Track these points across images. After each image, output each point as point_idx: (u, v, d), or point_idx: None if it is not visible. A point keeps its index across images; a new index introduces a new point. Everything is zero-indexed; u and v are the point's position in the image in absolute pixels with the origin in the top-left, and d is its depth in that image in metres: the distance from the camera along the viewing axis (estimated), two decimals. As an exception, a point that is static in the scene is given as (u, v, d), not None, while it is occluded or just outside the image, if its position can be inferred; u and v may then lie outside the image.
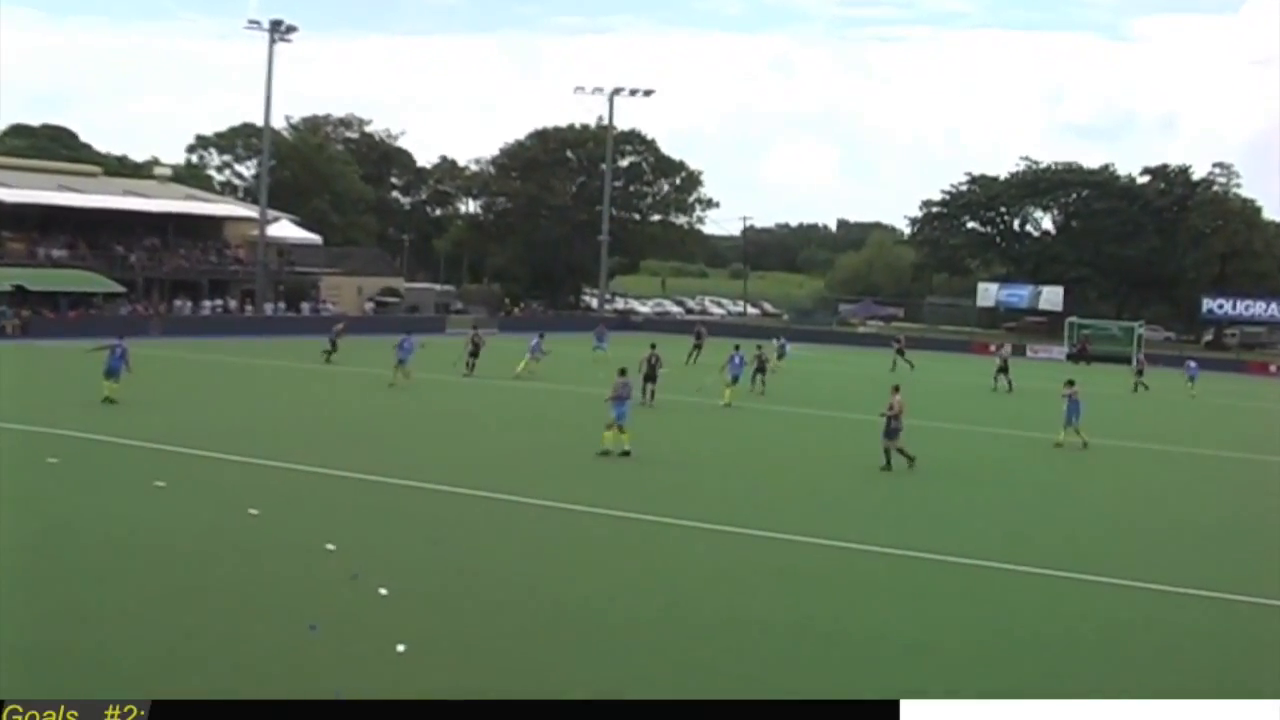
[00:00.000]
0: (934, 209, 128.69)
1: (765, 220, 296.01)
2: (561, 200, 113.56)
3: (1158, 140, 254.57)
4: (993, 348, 61.27)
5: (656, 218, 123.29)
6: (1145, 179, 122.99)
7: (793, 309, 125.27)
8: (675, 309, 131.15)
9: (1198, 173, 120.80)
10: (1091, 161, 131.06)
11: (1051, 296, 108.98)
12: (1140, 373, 64.26)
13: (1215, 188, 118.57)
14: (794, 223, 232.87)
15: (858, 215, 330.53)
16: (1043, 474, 30.19)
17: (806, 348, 72.32)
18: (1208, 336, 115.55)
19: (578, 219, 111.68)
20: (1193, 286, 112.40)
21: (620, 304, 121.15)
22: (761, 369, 45.94)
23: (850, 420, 36.89)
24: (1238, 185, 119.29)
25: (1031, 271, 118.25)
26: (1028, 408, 45.48)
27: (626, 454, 27.64)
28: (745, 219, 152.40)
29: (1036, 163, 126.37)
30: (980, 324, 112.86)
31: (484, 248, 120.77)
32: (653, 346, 41.46)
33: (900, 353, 63.44)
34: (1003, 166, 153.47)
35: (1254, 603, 17.47)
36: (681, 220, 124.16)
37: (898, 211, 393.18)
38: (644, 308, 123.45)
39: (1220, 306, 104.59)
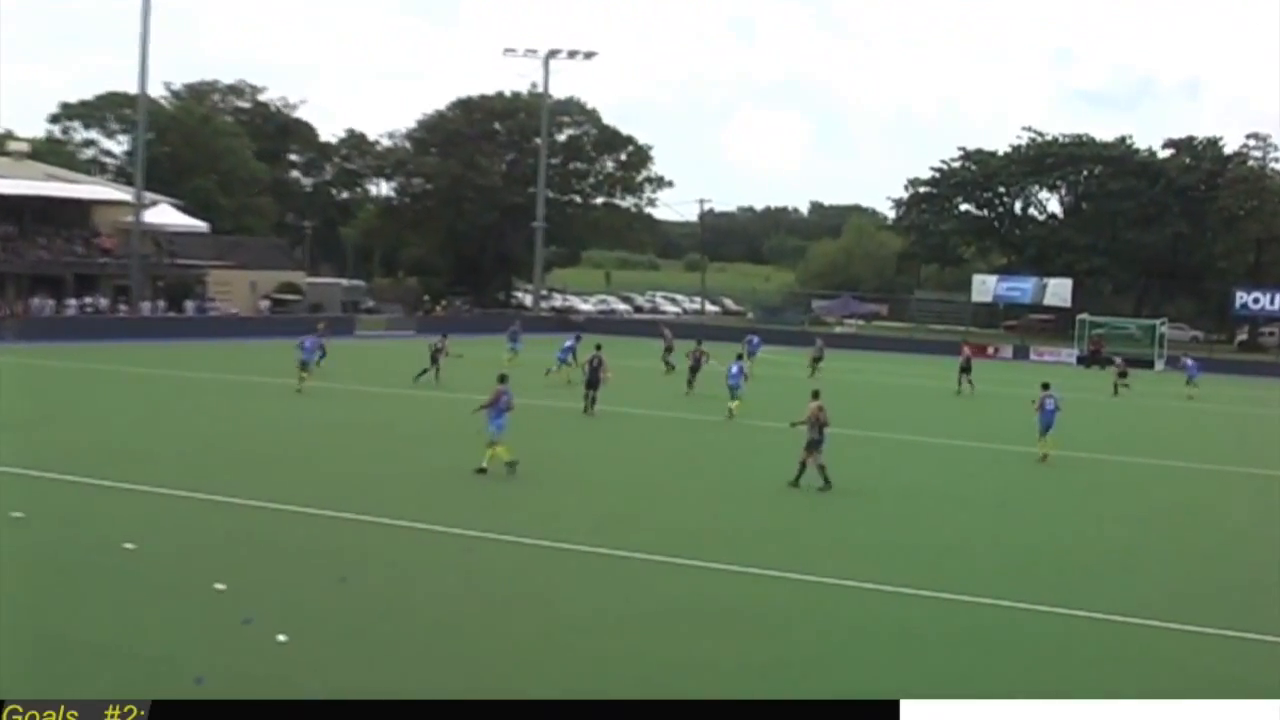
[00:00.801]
0: (922, 189, 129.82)
1: (726, 203, 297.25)
2: (489, 181, 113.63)
3: (1182, 109, 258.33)
4: (966, 348, 62.10)
5: (600, 201, 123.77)
6: (1168, 153, 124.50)
7: (758, 306, 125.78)
8: (622, 306, 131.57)
9: (1229, 145, 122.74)
10: (1105, 133, 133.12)
11: (1059, 290, 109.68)
12: (1123, 375, 65.09)
13: (1250, 163, 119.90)
14: (759, 206, 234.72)
15: (833, 197, 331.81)
16: (971, 490, 30.92)
17: (774, 351, 72.59)
18: (1241, 336, 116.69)
19: (508, 202, 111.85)
20: (1223, 278, 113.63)
21: (558, 300, 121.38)
22: (697, 367, 48.29)
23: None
24: (1276, 160, 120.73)
25: (1036, 261, 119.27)
26: (987, 413, 46.85)
27: (513, 465, 28.14)
28: (703, 202, 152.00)
29: (1041, 135, 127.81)
30: (976, 322, 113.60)
31: (399, 236, 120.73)
32: (598, 348, 42.98)
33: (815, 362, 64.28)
34: (1002, 140, 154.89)
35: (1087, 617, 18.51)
36: (629, 203, 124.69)
37: (880, 193, 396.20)
38: (586, 305, 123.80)
39: (1256, 301, 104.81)
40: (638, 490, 28.12)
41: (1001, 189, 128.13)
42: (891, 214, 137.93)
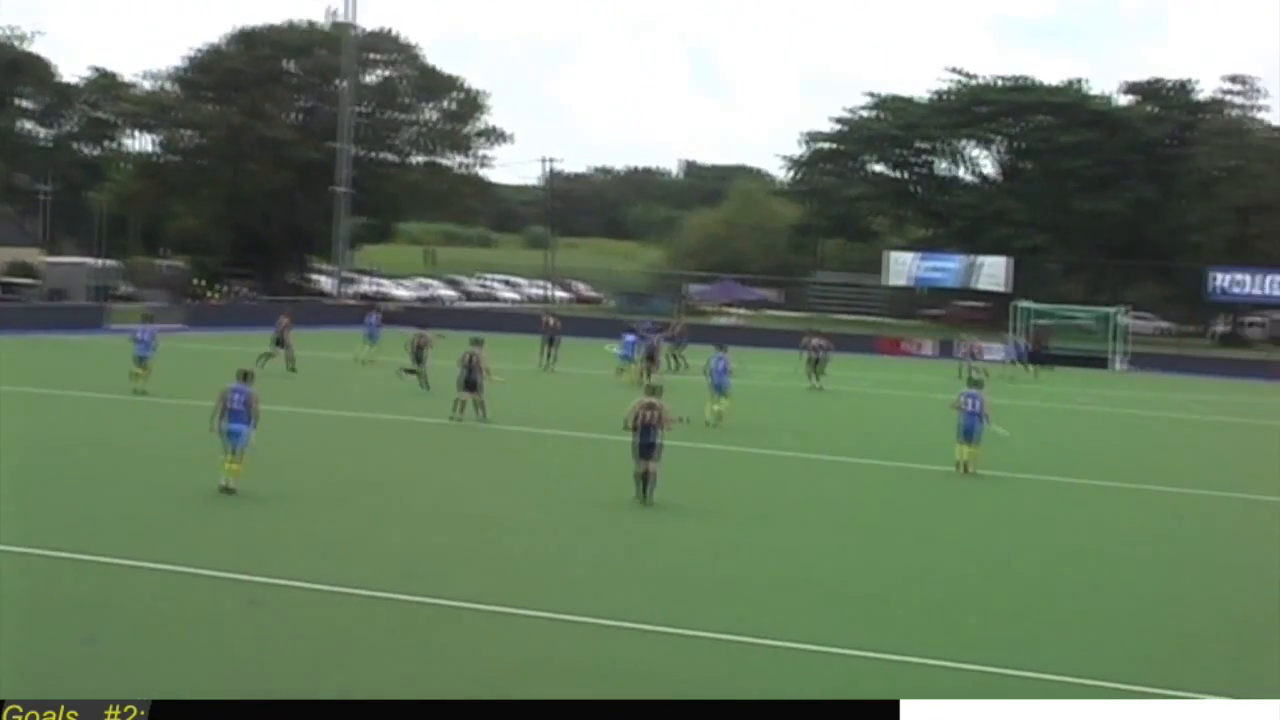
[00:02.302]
0: (823, 145, 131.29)
1: (577, 164, 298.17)
2: (278, 133, 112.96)
3: (1143, 44, 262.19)
4: (811, 340, 63.47)
5: (420, 159, 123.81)
6: (1129, 100, 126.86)
7: (619, 291, 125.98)
8: (449, 292, 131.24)
9: (1204, 90, 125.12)
10: (1051, 75, 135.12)
11: (994, 271, 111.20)
12: (1027, 361, 66.16)
13: (1230, 111, 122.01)
14: (619, 167, 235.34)
15: (712, 156, 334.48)
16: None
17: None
18: (1220, 326, 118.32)
19: (303, 160, 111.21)
20: (1198, 255, 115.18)
21: (367, 285, 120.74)
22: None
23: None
24: (1262, 109, 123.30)
25: (965, 235, 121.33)
26: (906, 423, 48.33)
27: (230, 491, 28.69)
28: (548, 162, 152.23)
29: (972, 77, 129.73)
30: (892, 312, 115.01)
31: (164, 204, 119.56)
32: (474, 343, 43.93)
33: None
34: (922, 83, 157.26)
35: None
36: (456, 162, 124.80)
37: (770, 150, 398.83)
38: (402, 291, 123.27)
39: (1236, 284, 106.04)
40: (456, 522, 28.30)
41: (922, 145, 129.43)
42: (785, 176, 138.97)
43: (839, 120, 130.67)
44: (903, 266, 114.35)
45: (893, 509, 31.84)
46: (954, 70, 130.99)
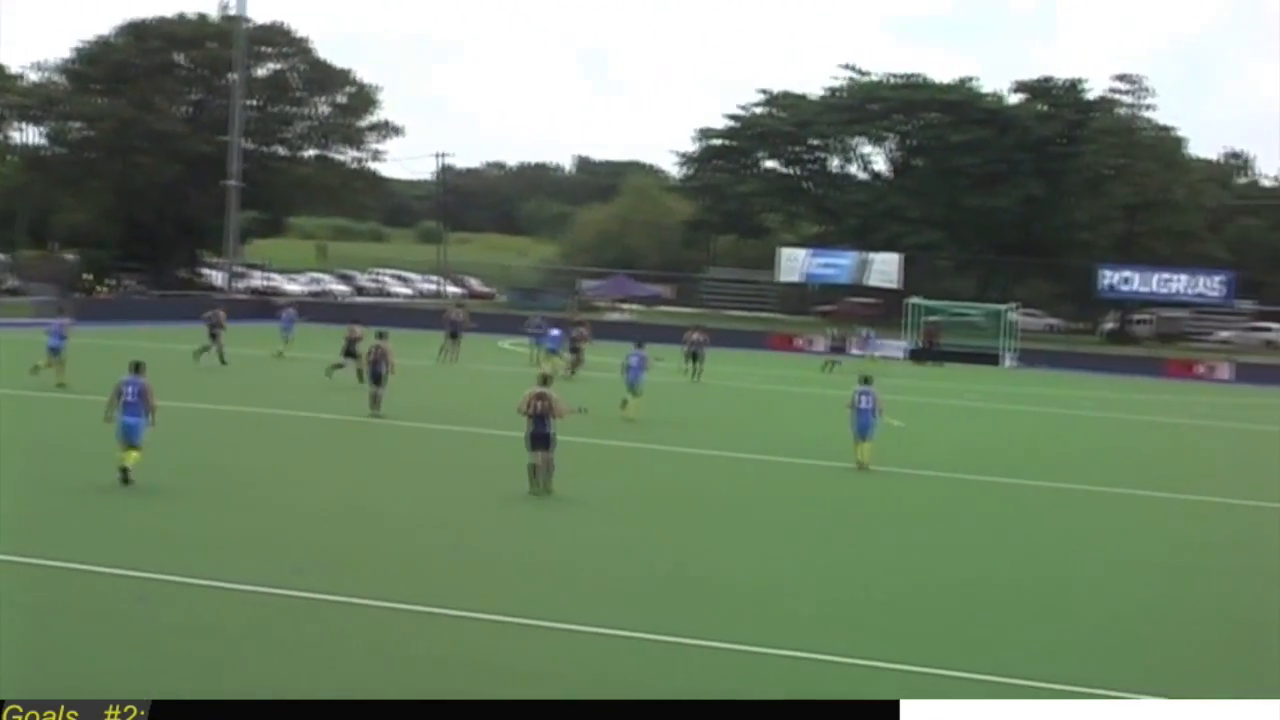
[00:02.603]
0: (716, 142, 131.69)
1: (470, 159, 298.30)
2: (169, 126, 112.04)
3: (1034, 43, 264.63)
4: (691, 335, 64.35)
5: (311, 153, 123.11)
6: (1019, 98, 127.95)
7: (512, 287, 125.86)
8: (341, 287, 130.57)
9: (1093, 89, 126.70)
10: (943, 73, 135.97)
11: (885, 268, 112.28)
12: (838, 350, 66.87)
13: (1119, 110, 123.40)
14: (512, 163, 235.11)
15: (605, 152, 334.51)
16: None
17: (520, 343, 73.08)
18: (1109, 323, 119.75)
19: (194, 153, 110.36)
20: (1087, 253, 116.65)
21: (259, 280, 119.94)
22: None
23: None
24: (1150, 108, 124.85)
25: (857, 232, 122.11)
26: (810, 418, 48.72)
27: (128, 479, 28.55)
28: (441, 157, 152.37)
29: (864, 74, 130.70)
30: (785, 308, 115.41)
31: (51, 197, 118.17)
32: (379, 336, 44.47)
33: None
34: (815, 81, 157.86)
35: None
36: (348, 157, 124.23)
37: (664, 146, 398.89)
38: (293, 286, 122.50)
39: (1126, 281, 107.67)
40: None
41: (815, 142, 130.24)
42: (679, 172, 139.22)
43: (732, 117, 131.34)
44: (795, 263, 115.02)
45: (790, 505, 31.87)
46: (847, 67, 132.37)
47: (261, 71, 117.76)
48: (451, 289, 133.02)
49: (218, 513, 27.33)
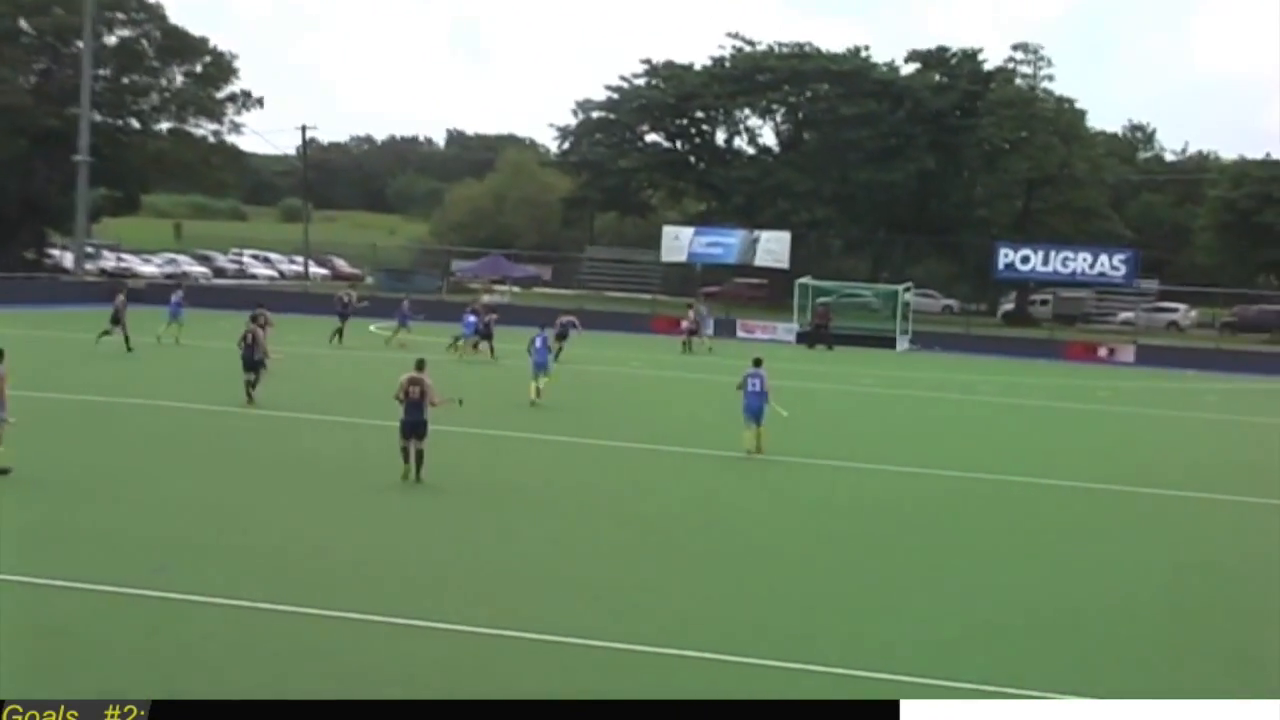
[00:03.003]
0: (595, 114, 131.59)
1: (335, 133, 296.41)
2: (13, 99, 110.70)
3: (930, 12, 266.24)
4: (560, 317, 65.83)
5: (166, 126, 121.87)
6: (913, 68, 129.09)
7: (380, 267, 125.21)
8: (199, 269, 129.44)
9: (991, 59, 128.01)
10: (833, 42, 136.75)
11: (774, 247, 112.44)
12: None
13: (1017, 81, 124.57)
14: (380, 136, 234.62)
15: (479, 125, 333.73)
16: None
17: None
18: (1007, 305, 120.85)
19: (39, 127, 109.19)
20: (985, 231, 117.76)
21: (110, 260, 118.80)
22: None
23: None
24: (1048, 78, 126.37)
25: (744, 210, 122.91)
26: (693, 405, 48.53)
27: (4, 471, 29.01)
28: (305, 130, 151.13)
29: (752, 44, 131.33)
30: (669, 289, 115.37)
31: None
32: (254, 320, 44.69)
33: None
34: (700, 50, 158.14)
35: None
36: (205, 130, 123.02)
37: (541, 118, 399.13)
38: (148, 267, 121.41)
39: (1024, 260, 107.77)
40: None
41: (700, 114, 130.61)
42: (557, 147, 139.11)
43: (613, 88, 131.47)
44: (680, 242, 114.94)
45: (674, 496, 32.25)
46: (734, 36, 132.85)
47: (112, 39, 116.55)
48: (316, 269, 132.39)
49: (71, 510, 27.25)
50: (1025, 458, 41.90)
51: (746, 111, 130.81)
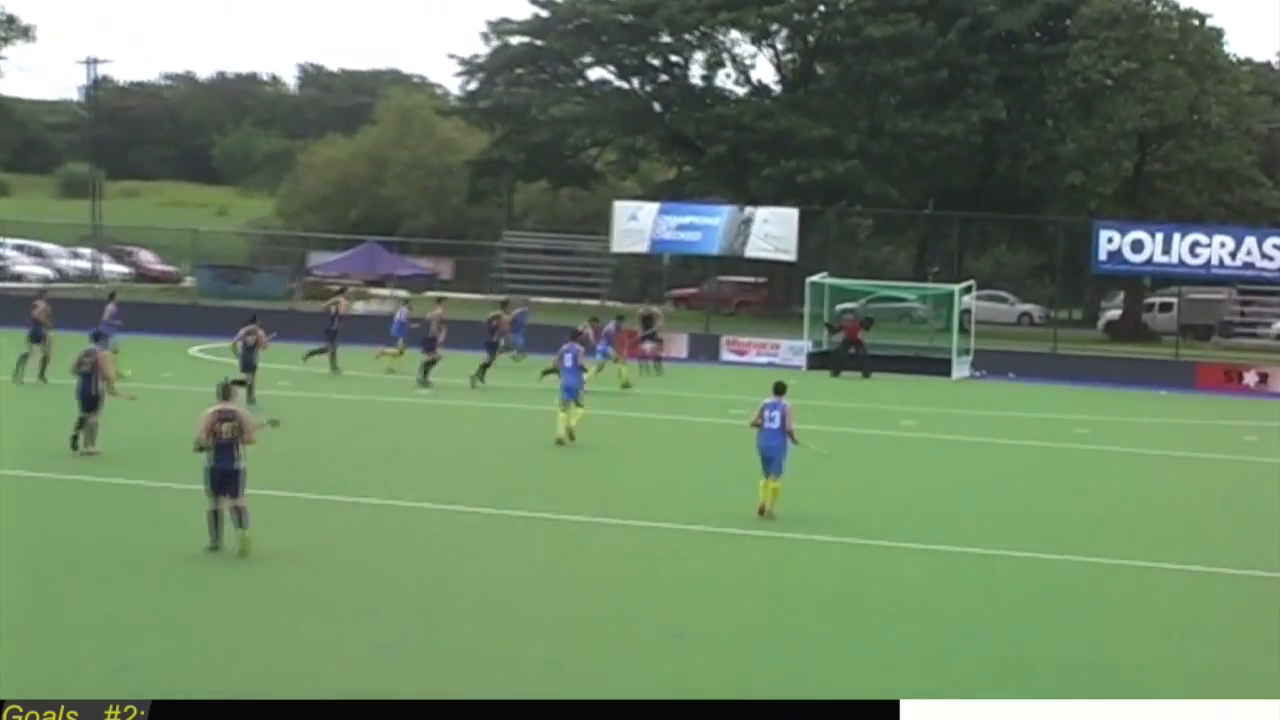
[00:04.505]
0: (516, 42, 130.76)
1: (138, 70, 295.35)
2: None
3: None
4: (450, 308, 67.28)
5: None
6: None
7: (204, 264, 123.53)
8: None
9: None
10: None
11: (775, 230, 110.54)
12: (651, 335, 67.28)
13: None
14: (202, 74, 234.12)
15: (347, 57, 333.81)
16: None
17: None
18: (1111, 311, 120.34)
19: None
20: (1079, 204, 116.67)
21: None
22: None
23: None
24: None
25: (732, 177, 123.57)
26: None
27: None
28: (94, 64, 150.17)
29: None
30: (623, 293, 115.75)
31: None
32: (94, 339, 46.76)
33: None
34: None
35: None
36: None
37: (437, 48, 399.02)
38: None
39: (1136, 246, 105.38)
40: None
41: (668, 39, 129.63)
42: (458, 86, 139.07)
43: (541, 2, 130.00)
44: (638, 224, 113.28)
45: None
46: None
47: None
48: (111, 267, 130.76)
49: None
50: (1154, 531, 41.54)
51: (734, 35, 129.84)
